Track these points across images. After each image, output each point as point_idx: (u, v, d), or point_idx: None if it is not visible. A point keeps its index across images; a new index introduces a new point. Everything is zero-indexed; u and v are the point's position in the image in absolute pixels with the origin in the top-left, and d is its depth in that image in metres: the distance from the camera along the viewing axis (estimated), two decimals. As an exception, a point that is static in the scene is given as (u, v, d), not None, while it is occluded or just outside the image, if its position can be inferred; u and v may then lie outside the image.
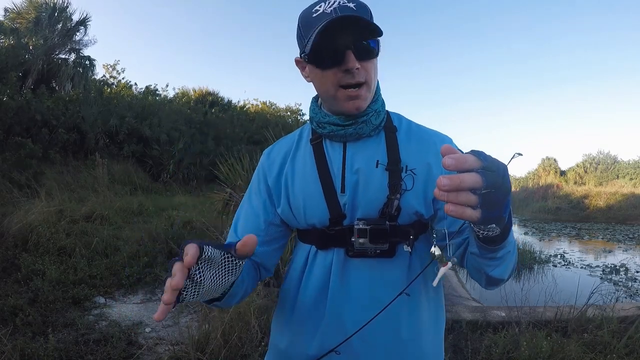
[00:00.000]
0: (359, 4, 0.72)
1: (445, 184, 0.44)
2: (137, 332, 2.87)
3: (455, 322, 2.85)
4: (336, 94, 0.75)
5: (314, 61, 0.75)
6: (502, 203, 0.49)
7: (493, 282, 0.71)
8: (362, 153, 0.80)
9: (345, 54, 0.71)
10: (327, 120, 0.80)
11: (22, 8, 11.74)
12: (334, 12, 0.69)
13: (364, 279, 0.78)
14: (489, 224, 0.51)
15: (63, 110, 9.80)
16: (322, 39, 0.69)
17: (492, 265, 0.66)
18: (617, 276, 5.96)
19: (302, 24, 0.74)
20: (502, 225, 0.53)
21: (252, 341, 2.43)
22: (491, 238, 0.56)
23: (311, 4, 0.74)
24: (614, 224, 14.03)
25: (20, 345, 2.33)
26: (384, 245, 0.74)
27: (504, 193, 0.48)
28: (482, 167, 0.46)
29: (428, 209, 0.79)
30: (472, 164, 0.45)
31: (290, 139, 0.90)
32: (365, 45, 0.72)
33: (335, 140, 0.82)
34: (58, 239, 4.48)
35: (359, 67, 0.72)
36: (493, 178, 0.46)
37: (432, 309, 0.83)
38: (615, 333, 2.63)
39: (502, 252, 0.62)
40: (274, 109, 19.93)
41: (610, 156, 26.47)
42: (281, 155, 0.87)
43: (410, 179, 0.77)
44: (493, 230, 0.53)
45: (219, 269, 0.57)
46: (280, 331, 0.88)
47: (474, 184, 0.45)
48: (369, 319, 0.73)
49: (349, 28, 0.69)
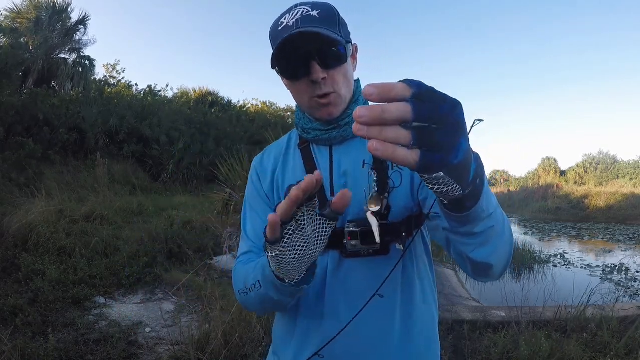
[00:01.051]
0: (323, 9, 0.73)
1: (363, 114, 0.36)
2: (137, 332, 2.87)
3: (455, 322, 2.85)
4: (309, 103, 0.77)
5: (283, 73, 0.76)
6: (450, 143, 0.38)
7: (479, 268, 0.63)
8: (348, 155, 0.81)
9: (309, 65, 0.71)
10: (311, 126, 0.82)
11: (23, 8, 11.75)
12: (295, 24, 0.70)
13: (360, 279, 0.79)
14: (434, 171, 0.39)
15: (64, 110, 9.80)
16: (284, 53, 0.71)
17: (471, 244, 0.58)
18: (617, 276, 5.96)
19: (271, 36, 0.76)
20: (464, 180, 0.43)
21: (254, 341, 2.43)
22: (456, 200, 0.47)
23: (280, 14, 0.75)
24: (614, 224, 14.02)
25: (21, 345, 2.33)
26: (375, 245, 0.74)
27: (450, 129, 0.38)
28: (414, 95, 0.37)
29: (415, 201, 0.79)
30: (400, 92, 0.36)
31: (278, 145, 0.92)
32: (333, 52, 0.72)
33: (322, 144, 0.83)
34: (58, 239, 4.48)
35: (325, 76, 0.73)
36: (429, 109, 0.37)
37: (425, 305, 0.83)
38: (615, 333, 2.63)
39: (479, 225, 0.53)
40: (274, 109, 19.93)
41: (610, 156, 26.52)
42: (271, 162, 0.89)
43: (397, 176, 0.77)
44: (447, 184, 0.42)
45: (315, 227, 0.54)
46: (283, 341, 0.88)
47: (401, 114, 0.36)
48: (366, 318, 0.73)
49: (309, 40, 0.70)
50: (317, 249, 0.58)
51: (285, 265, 0.57)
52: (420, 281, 0.83)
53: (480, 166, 0.47)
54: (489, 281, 0.70)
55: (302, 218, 0.53)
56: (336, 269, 0.80)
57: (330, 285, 0.80)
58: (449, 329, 2.77)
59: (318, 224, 0.55)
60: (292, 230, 0.53)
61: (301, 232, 0.54)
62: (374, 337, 0.78)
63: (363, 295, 0.78)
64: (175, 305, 3.47)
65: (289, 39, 0.69)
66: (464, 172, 0.42)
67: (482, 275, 0.66)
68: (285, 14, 0.74)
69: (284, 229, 0.53)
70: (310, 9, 0.72)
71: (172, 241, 4.79)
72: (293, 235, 0.54)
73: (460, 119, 0.39)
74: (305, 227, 0.53)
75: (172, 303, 3.52)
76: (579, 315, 2.87)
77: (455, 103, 0.39)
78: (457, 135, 0.39)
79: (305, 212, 0.53)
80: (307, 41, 0.70)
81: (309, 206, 0.53)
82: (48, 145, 8.82)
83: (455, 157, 0.39)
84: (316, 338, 0.81)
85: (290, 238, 0.54)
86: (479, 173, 0.46)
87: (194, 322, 2.93)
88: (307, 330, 0.82)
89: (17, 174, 7.24)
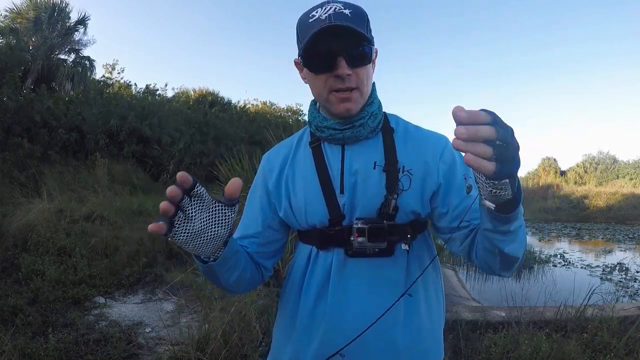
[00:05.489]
0: (355, 10, 0.74)
1: (463, 132, 0.46)
2: (137, 332, 2.87)
3: (455, 322, 2.85)
4: (328, 97, 0.78)
5: (308, 65, 0.78)
6: (514, 159, 0.51)
7: (508, 261, 0.71)
8: (360, 155, 0.82)
9: (336, 60, 0.73)
10: (326, 125, 0.82)
11: (22, 8, 11.75)
12: (328, 18, 0.71)
13: (363, 279, 0.79)
14: (502, 178, 0.52)
15: (64, 111, 9.80)
16: (314, 45, 0.73)
17: (507, 241, 0.66)
18: (617, 276, 5.96)
19: (300, 27, 0.77)
20: (514, 185, 0.56)
21: (253, 341, 2.43)
22: (503, 203, 0.58)
23: (310, 8, 0.76)
24: (614, 224, 14.02)
25: (21, 345, 2.33)
26: (382, 244, 0.76)
27: (514, 149, 0.50)
28: (492, 121, 0.48)
29: (425, 207, 0.81)
30: (484, 118, 0.47)
31: (288, 143, 0.92)
32: (359, 51, 0.74)
33: (335, 144, 0.84)
34: (58, 239, 4.48)
35: (350, 73, 0.74)
36: (504, 132, 0.48)
37: (431, 309, 0.83)
38: (615, 333, 2.63)
39: (515, 224, 0.63)
40: (274, 109, 19.93)
41: (610, 156, 26.51)
42: (280, 159, 0.90)
43: (407, 179, 0.79)
44: (505, 188, 0.54)
45: (210, 214, 0.61)
46: (284, 341, 0.88)
47: (489, 135, 0.47)
48: (367, 318, 0.73)
49: (340, 36, 0.71)
50: (219, 230, 0.63)
51: (186, 245, 0.64)
52: (425, 286, 0.83)
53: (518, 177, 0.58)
54: (509, 275, 0.77)
55: (189, 208, 0.59)
56: (340, 267, 0.80)
57: (334, 283, 0.80)
58: (449, 329, 2.77)
59: (214, 210, 0.61)
60: (180, 219, 0.59)
61: (190, 220, 0.60)
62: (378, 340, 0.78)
63: (366, 295, 0.79)
64: (175, 305, 3.47)
65: (323, 31, 0.70)
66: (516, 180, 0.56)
67: (508, 268, 0.73)
68: (317, 7, 0.75)
69: (173, 219, 0.59)
70: (342, 7, 0.74)
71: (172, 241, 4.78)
72: (182, 222, 0.60)
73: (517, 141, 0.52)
74: (193, 215, 0.60)
75: (172, 303, 3.52)
76: (579, 315, 2.87)
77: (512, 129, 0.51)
78: (518, 152, 0.52)
79: (191, 203, 0.59)
80: (339, 36, 0.71)
81: (195, 197, 0.59)
82: (48, 145, 8.82)
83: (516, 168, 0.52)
84: (317, 337, 0.81)
85: (180, 225, 0.60)
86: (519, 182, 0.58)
87: (194, 322, 2.93)
88: (308, 329, 0.82)
89: (17, 174, 7.24)
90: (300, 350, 0.83)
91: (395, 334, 0.78)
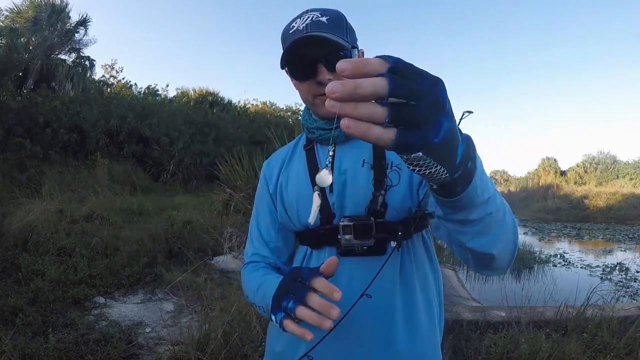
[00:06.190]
0: (332, 16, 0.76)
1: (336, 89, 0.34)
2: (137, 332, 2.87)
3: (455, 322, 2.85)
4: (314, 101, 0.80)
5: (291, 74, 0.81)
6: (430, 121, 0.36)
7: (481, 259, 0.60)
8: (350, 154, 0.83)
9: (317, 67, 0.75)
10: (315, 125, 0.85)
11: (22, 8, 11.74)
12: (305, 28, 0.74)
13: (356, 278, 0.79)
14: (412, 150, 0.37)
15: (64, 111, 9.80)
16: (293, 56, 0.75)
17: (468, 233, 0.54)
18: (617, 276, 5.96)
19: (283, 39, 0.80)
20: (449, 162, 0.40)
21: (253, 341, 2.43)
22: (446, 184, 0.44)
23: (291, 19, 0.79)
24: (614, 224, 14.03)
25: (21, 345, 2.33)
26: (368, 241, 0.76)
27: (430, 106, 0.35)
28: (391, 69, 0.34)
29: (414, 200, 0.79)
30: (376, 67, 0.34)
31: (286, 149, 0.96)
32: (340, 56, 0.75)
33: (325, 144, 0.86)
34: (58, 239, 4.48)
35: (331, 78, 0.75)
36: (408, 84, 0.34)
37: (430, 313, 0.83)
38: (615, 333, 2.63)
39: (475, 212, 0.50)
40: (274, 109, 19.94)
41: (610, 156, 26.51)
42: (278, 164, 0.93)
43: (395, 175, 0.79)
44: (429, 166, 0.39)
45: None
46: (276, 334, 0.89)
47: (376, 88, 0.33)
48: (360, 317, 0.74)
49: (317, 44, 0.73)
50: None
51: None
52: (422, 285, 0.82)
53: (471, 148, 0.44)
54: (494, 274, 0.67)
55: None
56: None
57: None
58: (449, 329, 2.77)
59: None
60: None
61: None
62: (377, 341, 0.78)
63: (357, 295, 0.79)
64: (175, 305, 3.47)
65: (298, 42, 0.73)
66: (448, 153, 0.39)
67: (485, 267, 0.63)
68: (296, 18, 0.78)
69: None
70: (319, 14, 0.76)
71: (172, 241, 4.79)
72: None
73: (442, 96, 0.36)
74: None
75: (172, 303, 3.52)
76: (579, 315, 2.87)
77: (436, 80, 0.36)
78: (437, 113, 0.36)
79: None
80: (315, 45, 0.74)
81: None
82: (48, 145, 8.82)
83: (435, 135, 0.36)
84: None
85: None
86: (470, 155, 0.43)
87: (194, 322, 2.93)
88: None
89: (17, 174, 7.24)
90: (290, 347, 0.83)
91: (394, 337, 0.78)
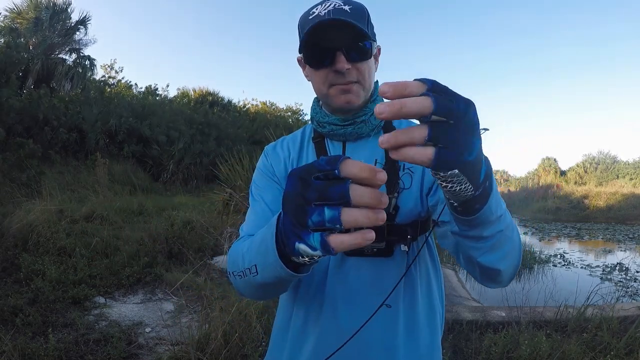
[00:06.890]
0: (355, 6, 0.73)
1: (383, 110, 0.35)
2: (137, 332, 2.87)
3: (455, 322, 2.85)
4: (328, 91, 0.77)
5: (308, 61, 0.77)
6: (466, 141, 0.38)
7: (488, 274, 0.62)
8: (361, 153, 0.80)
9: (335, 55, 0.72)
10: (327, 120, 0.81)
11: (23, 8, 11.75)
12: (327, 14, 0.70)
13: (361, 279, 0.78)
14: (449, 168, 0.38)
15: (64, 111, 9.81)
16: (312, 40, 0.72)
17: (480, 249, 0.56)
18: (617, 276, 5.96)
19: (300, 25, 0.76)
20: (475, 180, 0.42)
21: (254, 341, 2.43)
22: (465, 201, 0.46)
23: (311, 6, 0.76)
24: (614, 224, 14.02)
25: (21, 345, 2.33)
26: (380, 244, 0.75)
27: (467, 127, 0.37)
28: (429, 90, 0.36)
29: (424, 205, 0.78)
30: (415, 89, 0.36)
31: (294, 138, 0.90)
32: (359, 46, 0.73)
33: (335, 140, 0.83)
34: (58, 239, 4.48)
35: (349, 67, 0.73)
36: (448, 103, 0.36)
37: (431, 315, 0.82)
38: (615, 333, 2.63)
39: (489, 229, 0.53)
40: (274, 109, 19.94)
41: (610, 156, 26.53)
42: (285, 150, 0.88)
43: (408, 178, 0.78)
44: (459, 182, 0.41)
45: None
46: (280, 342, 0.86)
47: (420, 108, 0.35)
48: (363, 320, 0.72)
49: (338, 31, 0.70)
50: None
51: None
52: (424, 287, 0.81)
53: (490, 168, 0.46)
54: (497, 287, 0.69)
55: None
56: (338, 266, 0.79)
57: (331, 283, 0.79)
58: (449, 329, 2.77)
59: None
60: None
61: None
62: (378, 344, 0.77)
63: (363, 296, 0.77)
64: (175, 305, 3.47)
65: (320, 26, 0.69)
66: (476, 171, 0.42)
67: (491, 281, 0.65)
68: (317, 5, 0.74)
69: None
70: (342, 3, 0.72)
71: (172, 241, 4.79)
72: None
73: (475, 118, 0.39)
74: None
75: (172, 303, 3.52)
76: (579, 315, 2.87)
77: (469, 101, 0.39)
78: (472, 133, 0.38)
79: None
80: (337, 31, 0.70)
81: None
82: (48, 145, 8.83)
83: (469, 154, 0.39)
84: (312, 338, 0.79)
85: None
86: (489, 175, 0.46)
87: (194, 322, 2.93)
88: (303, 329, 0.81)
89: (17, 174, 7.24)
90: (295, 351, 0.82)
91: (395, 340, 0.77)
